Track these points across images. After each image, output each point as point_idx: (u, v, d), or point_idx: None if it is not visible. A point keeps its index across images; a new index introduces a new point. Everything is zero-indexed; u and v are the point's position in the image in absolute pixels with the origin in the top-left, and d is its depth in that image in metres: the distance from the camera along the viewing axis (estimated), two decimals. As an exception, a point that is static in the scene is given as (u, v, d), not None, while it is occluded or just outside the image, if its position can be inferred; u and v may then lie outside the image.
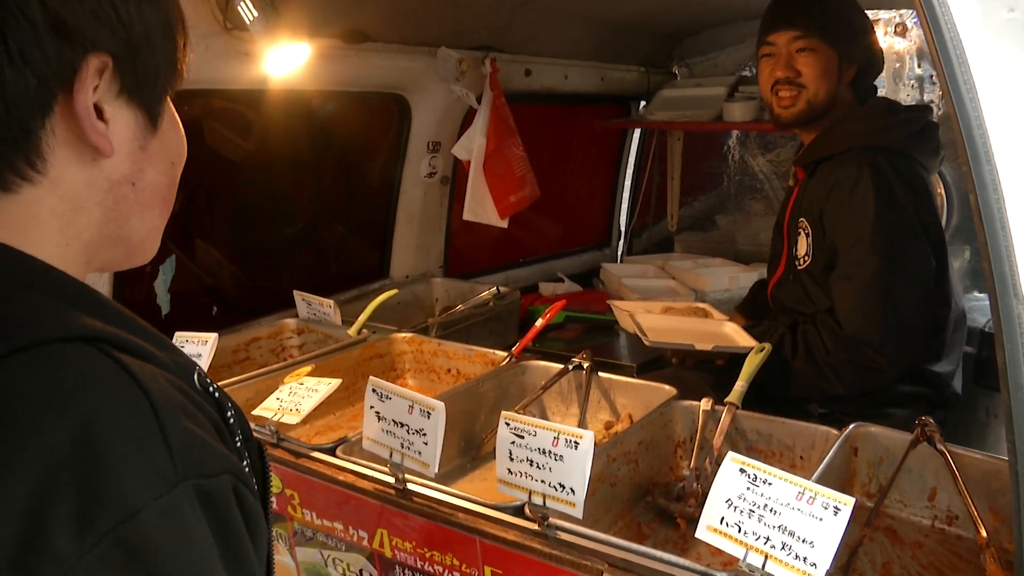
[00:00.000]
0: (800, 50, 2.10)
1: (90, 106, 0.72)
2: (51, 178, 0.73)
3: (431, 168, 3.11)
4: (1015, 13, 0.93)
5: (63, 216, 0.75)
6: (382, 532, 1.55)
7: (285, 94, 2.55)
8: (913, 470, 1.58)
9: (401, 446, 1.48)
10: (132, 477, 0.60)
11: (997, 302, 0.90)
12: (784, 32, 2.11)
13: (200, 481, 0.64)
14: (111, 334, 0.68)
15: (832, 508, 1.10)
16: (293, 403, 1.74)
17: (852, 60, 2.12)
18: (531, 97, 3.36)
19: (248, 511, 0.68)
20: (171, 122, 0.84)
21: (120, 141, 0.76)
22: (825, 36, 2.08)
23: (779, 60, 2.12)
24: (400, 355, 2.38)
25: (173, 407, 0.66)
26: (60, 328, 0.66)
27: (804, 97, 2.11)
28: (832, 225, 2.03)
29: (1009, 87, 0.93)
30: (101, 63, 0.72)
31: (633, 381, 1.97)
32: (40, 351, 0.64)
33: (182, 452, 0.63)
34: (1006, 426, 0.92)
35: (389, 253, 3.17)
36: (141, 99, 0.77)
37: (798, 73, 2.10)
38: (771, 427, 1.73)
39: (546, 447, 1.31)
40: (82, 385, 0.63)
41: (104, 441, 0.60)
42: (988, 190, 0.90)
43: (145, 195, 0.81)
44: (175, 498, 0.61)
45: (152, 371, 0.68)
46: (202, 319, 2.62)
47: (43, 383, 0.62)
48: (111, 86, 0.74)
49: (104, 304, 0.74)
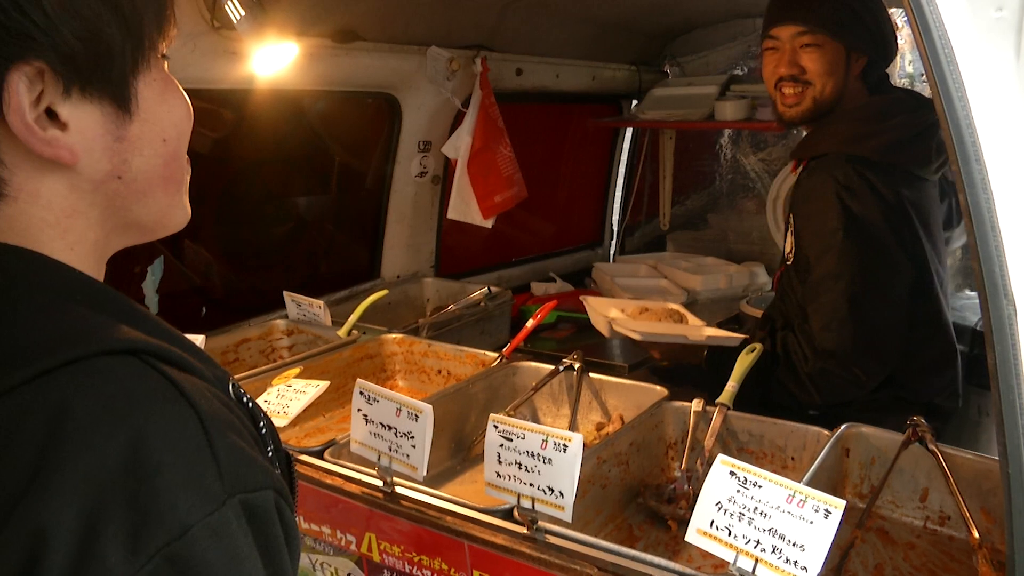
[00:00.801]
0: (804, 46, 1.99)
1: (30, 122, 0.67)
2: (27, 192, 0.70)
3: (422, 168, 3.10)
4: (1003, 12, 0.93)
5: (58, 224, 0.72)
6: (370, 536, 1.54)
7: (275, 93, 2.54)
8: (905, 471, 1.58)
9: (389, 449, 1.47)
10: (183, 495, 0.60)
11: (987, 303, 0.89)
12: (788, 26, 2.00)
13: (246, 496, 0.63)
14: (156, 346, 0.67)
15: (823, 511, 1.09)
16: (281, 406, 1.73)
17: (862, 51, 2.01)
18: (522, 96, 3.34)
19: (287, 526, 0.68)
20: (158, 94, 0.77)
21: (89, 140, 0.71)
22: (831, 30, 1.97)
23: (783, 55, 2.02)
24: (390, 356, 2.37)
25: (220, 422, 0.65)
26: (106, 341, 0.65)
27: (810, 95, 2.01)
28: (801, 232, 1.97)
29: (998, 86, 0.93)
30: (32, 71, 0.66)
31: (624, 382, 1.96)
32: (88, 364, 0.62)
33: (229, 467, 0.63)
34: (996, 428, 0.92)
35: (380, 253, 3.16)
36: (101, 91, 0.71)
37: (803, 70, 2.00)
38: (762, 428, 1.72)
39: (535, 450, 1.30)
40: (132, 401, 0.62)
41: (155, 458, 0.60)
42: (978, 190, 0.89)
43: (138, 184, 0.76)
44: (224, 515, 0.61)
45: (197, 384, 0.67)
46: (191, 320, 2.60)
47: (92, 398, 0.61)
48: (55, 87, 0.68)
49: (145, 315, 0.73)
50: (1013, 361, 0.89)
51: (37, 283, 0.69)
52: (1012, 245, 0.89)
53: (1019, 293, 0.89)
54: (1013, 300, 0.89)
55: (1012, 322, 0.89)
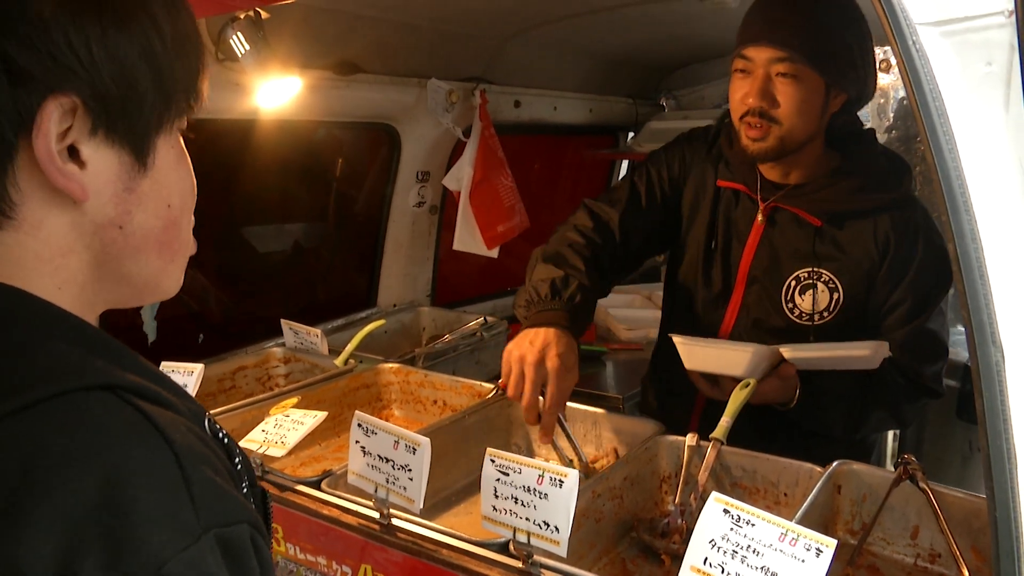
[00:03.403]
0: (781, 74, 1.75)
1: (53, 151, 0.69)
2: (30, 222, 0.72)
3: (420, 198, 3.13)
4: (992, 66, 0.95)
5: (51, 261, 0.73)
6: (366, 567, 1.54)
7: (276, 122, 2.57)
8: (896, 508, 1.59)
9: (386, 481, 1.48)
10: (158, 530, 0.60)
11: (976, 350, 0.91)
12: (765, 48, 1.75)
13: (221, 530, 0.64)
14: (131, 382, 0.68)
15: (815, 550, 1.11)
16: (278, 435, 1.74)
17: (843, 89, 1.81)
18: (520, 128, 3.39)
19: (263, 560, 0.69)
20: (172, 160, 0.80)
21: (101, 183, 0.73)
22: (814, 61, 1.73)
23: (755, 82, 1.77)
24: (386, 386, 2.38)
25: (195, 456, 0.66)
26: (82, 376, 0.66)
27: (775, 134, 1.78)
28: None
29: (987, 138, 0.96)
30: (69, 103, 0.69)
31: (618, 416, 1.98)
32: (63, 400, 0.63)
33: (204, 502, 0.64)
34: (984, 473, 0.94)
35: (377, 282, 3.18)
36: (123, 138, 0.74)
37: (774, 102, 1.76)
38: (755, 463, 1.73)
39: (531, 484, 1.31)
40: (106, 436, 0.63)
41: (130, 494, 0.60)
42: (967, 240, 0.92)
43: (135, 239, 0.77)
44: (200, 549, 0.62)
45: (173, 419, 0.68)
46: (188, 346, 2.62)
47: (67, 434, 0.62)
48: (84, 124, 0.71)
49: (121, 350, 0.74)
50: (1000, 407, 0.91)
51: (17, 319, 0.70)
52: (1000, 294, 0.91)
53: (1006, 340, 0.92)
54: (1001, 347, 0.91)
55: (1000, 368, 0.91)
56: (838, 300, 1.87)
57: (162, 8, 0.75)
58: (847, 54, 1.77)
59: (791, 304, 1.91)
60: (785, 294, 1.91)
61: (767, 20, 1.77)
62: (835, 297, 1.87)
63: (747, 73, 1.80)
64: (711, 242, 2.01)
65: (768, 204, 1.92)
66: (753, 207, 1.95)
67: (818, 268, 1.88)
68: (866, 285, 1.87)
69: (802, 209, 1.89)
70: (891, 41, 0.93)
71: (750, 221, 1.95)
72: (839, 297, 1.87)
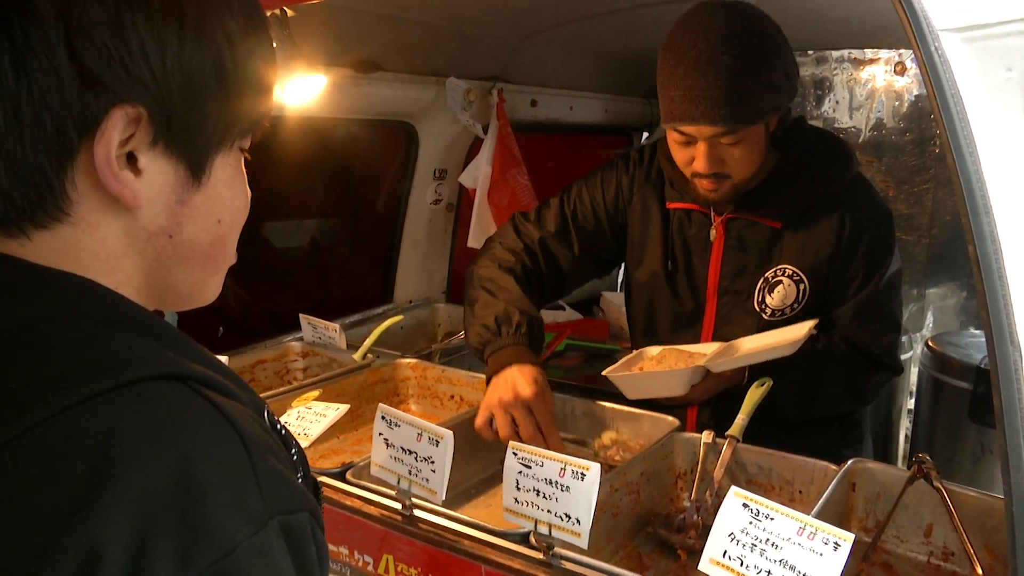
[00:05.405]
0: (726, 143, 1.77)
1: (112, 157, 0.70)
2: (87, 221, 0.73)
3: (436, 195, 3.16)
4: (1012, 73, 0.98)
5: (107, 261, 0.75)
6: (387, 557, 1.57)
7: (296, 120, 2.60)
8: (910, 506, 1.61)
9: (409, 473, 1.51)
10: (229, 514, 0.62)
11: (995, 350, 0.93)
12: (705, 127, 1.73)
13: (285, 517, 0.66)
14: (200, 373, 0.70)
15: (832, 544, 1.13)
16: (301, 427, 1.77)
17: (779, 110, 1.83)
18: (537, 127, 3.41)
19: (320, 547, 0.71)
20: (228, 178, 0.82)
21: (155, 193, 0.75)
22: (754, 117, 1.74)
23: (698, 152, 1.78)
24: (404, 380, 2.41)
25: (261, 445, 0.68)
26: (154, 366, 0.67)
27: (730, 184, 1.83)
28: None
29: (1006, 142, 0.98)
30: (134, 113, 0.70)
31: (635, 411, 2.00)
32: (138, 388, 0.65)
33: (270, 489, 0.66)
34: (1002, 468, 0.96)
35: (394, 278, 3.21)
36: (181, 151, 0.75)
37: (723, 164, 1.79)
38: (771, 461, 1.75)
39: (553, 477, 1.34)
40: (179, 424, 0.64)
41: (202, 479, 0.62)
42: (987, 242, 0.94)
43: (183, 249, 0.80)
44: (266, 535, 0.64)
45: (240, 409, 0.70)
46: (208, 340, 2.65)
47: (142, 421, 0.63)
48: (145, 135, 0.72)
49: (188, 343, 0.76)
50: (1018, 404, 0.93)
51: (84, 309, 0.72)
52: (1018, 294, 0.94)
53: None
54: (1019, 346, 0.93)
55: (1018, 367, 0.93)
56: (805, 291, 1.92)
57: (238, 27, 0.76)
58: (774, 76, 1.74)
59: (763, 305, 1.95)
60: (757, 297, 1.96)
61: (694, 98, 1.69)
62: (801, 288, 1.92)
63: (689, 143, 1.80)
64: (668, 263, 2.04)
65: (723, 217, 1.94)
66: (707, 222, 1.98)
67: (781, 264, 1.93)
68: (828, 270, 1.92)
69: (758, 216, 1.92)
70: (914, 47, 0.95)
71: (707, 237, 1.98)
72: (805, 288, 1.92)
